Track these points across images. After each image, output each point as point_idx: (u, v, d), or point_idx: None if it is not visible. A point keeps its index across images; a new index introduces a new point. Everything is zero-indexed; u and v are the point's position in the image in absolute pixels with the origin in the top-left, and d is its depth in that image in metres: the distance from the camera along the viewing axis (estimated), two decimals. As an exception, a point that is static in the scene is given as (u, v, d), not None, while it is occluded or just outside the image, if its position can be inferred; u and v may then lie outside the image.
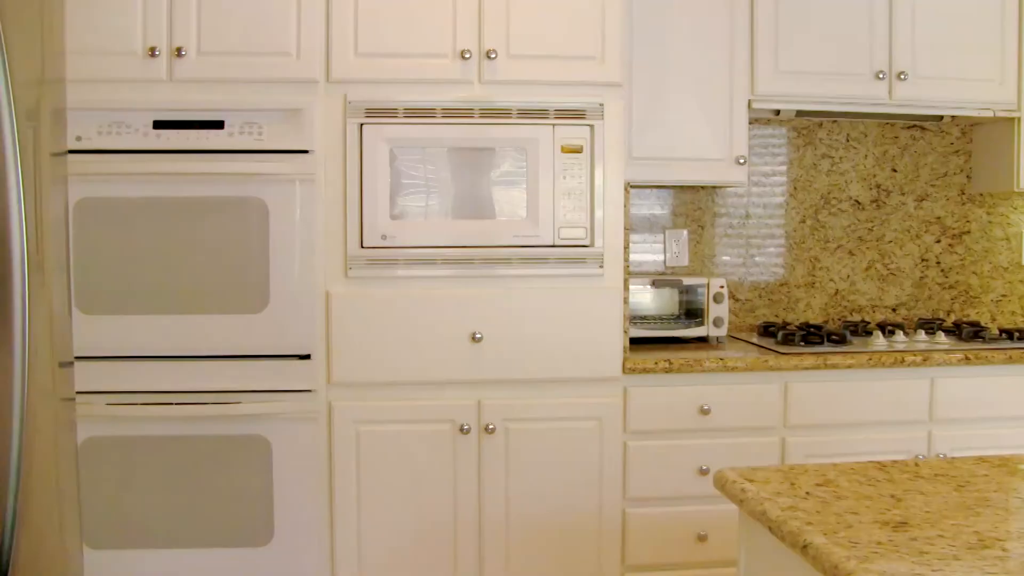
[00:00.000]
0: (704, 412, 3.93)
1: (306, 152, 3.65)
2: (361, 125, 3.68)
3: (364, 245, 3.70)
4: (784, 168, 4.80)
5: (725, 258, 4.75)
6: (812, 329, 4.36)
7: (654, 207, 4.68)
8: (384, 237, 3.70)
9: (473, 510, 3.81)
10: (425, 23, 3.72)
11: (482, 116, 3.75)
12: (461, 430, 3.77)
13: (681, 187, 4.66)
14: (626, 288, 3.90)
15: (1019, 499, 2.12)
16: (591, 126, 3.80)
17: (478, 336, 3.74)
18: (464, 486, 3.80)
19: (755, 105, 4.31)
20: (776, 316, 4.80)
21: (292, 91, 3.66)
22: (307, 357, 3.68)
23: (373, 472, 3.75)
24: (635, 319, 4.27)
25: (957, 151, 4.96)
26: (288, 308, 3.65)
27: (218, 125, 3.63)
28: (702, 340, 4.36)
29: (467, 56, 3.71)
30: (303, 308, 3.66)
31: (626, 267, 3.89)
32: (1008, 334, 4.41)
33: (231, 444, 3.67)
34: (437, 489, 3.79)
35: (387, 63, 3.71)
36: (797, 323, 4.65)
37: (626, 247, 3.89)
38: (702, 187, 4.67)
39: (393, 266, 3.73)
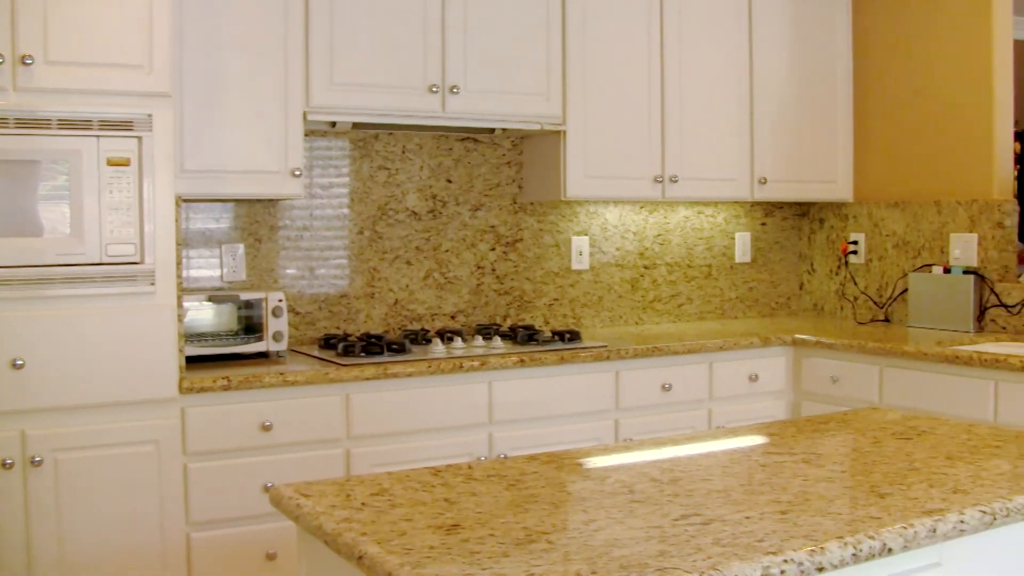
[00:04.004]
0: (266, 428, 3.86)
1: None
2: None
3: None
4: (344, 180, 4.81)
5: (289, 271, 4.70)
6: (373, 339, 4.39)
7: (209, 221, 4.55)
8: (-92, 259, 3.39)
9: (21, 551, 3.53)
10: (-50, 26, 3.43)
11: (18, 126, 3.50)
12: (3, 465, 3.50)
13: (238, 200, 4.56)
14: (180, 305, 3.76)
15: (565, 493, 2.20)
16: (139, 138, 3.64)
17: (19, 363, 3.48)
18: (11, 526, 3.52)
19: (310, 117, 4.29)
20: (338, 328, 4.80)
21: None
22: None
23: (-96, 517, 3.41)
24: (194, 337, 4.13)
25: (509, 162, 5.16)
26: None
27: None
28: (263, 355, 4.29)
29: (-1, 62, 3.47)
30: None
31: (179, 284, 3.75)
32: (560, 336, 4.63)
33: None
34: (-20, 530, 3.51)
35: (-96, 67, 3.40)
36: (358, 334, 4.66)
37: (179, 263, 3.76)
38: (260, 200, 4.60)
39: (-79, 290, 3.41)
